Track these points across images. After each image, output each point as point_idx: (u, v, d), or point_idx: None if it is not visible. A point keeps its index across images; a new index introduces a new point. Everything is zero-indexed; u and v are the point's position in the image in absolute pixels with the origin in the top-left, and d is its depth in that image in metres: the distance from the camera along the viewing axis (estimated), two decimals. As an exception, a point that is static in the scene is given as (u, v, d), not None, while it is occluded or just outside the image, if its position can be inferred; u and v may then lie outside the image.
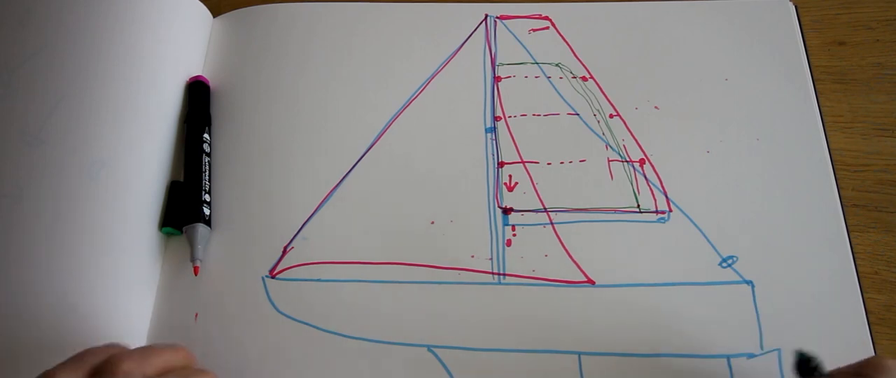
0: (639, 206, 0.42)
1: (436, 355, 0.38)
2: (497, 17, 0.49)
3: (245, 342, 0.39)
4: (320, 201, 0.43)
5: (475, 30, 0.49)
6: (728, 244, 0.41)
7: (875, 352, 0.38)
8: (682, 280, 0.40)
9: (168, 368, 0.33)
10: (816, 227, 0.41)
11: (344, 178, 0.44)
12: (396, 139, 0.45)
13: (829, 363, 0.37)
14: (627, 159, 0.44)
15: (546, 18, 0.49)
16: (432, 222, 0.42)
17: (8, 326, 0.37)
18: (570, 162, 0.44)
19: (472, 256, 0.41)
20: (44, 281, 0.38)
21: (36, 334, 0.37)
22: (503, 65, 0.47)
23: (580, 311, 0.39)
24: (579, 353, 0.38)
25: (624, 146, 0.44)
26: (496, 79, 0.47)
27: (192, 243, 0.41)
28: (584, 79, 0.47)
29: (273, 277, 0.41)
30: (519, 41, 0.48)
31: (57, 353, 0.37)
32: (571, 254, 0.41)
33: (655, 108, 0.45)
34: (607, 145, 0.44)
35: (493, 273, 0.41)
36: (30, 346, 0.37)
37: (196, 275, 0.41)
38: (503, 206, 0.43)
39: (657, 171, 0.43)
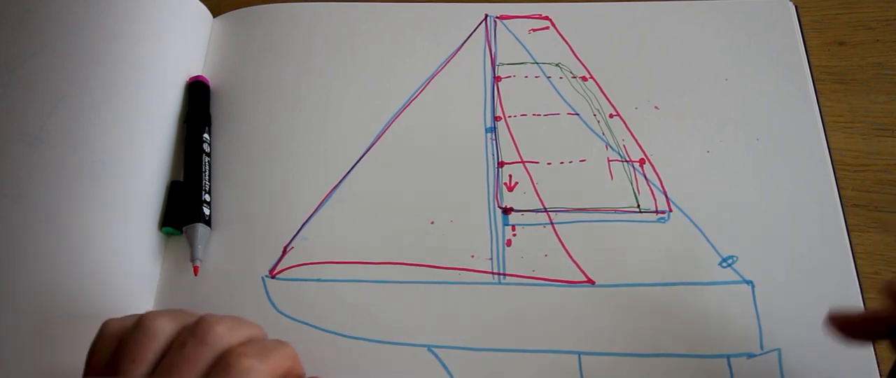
0: (639, 205, 0.42)
1: (436, 355, 0.38)
2: (497, 17, 0.49)
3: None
4: (320, 201, 0.43)
5: (475, 30, 0.49)
6: (728, 244, 0.41)
7: (875, 352, 0.37)
8: (681, 280, 0.40)
9: (251, 338, 0.34)
10: (816, 227, 0.41)
11: (344, 177, 0.44)
12: (396, 139, 0.45)
13: (829, 363, 0.37)
14: (627, 159, 0.44)
15: (546, 18, 0.49)
16: (432, 222, 0.42)
17: (7, 326, 0.37)
18: (570, 162, 0.44)
19: (472, 256, 0.41)
20: (43, 281, 0.38)
21: (35, 334, 0.37)
22: (503, 65, 0.47)
23: (580, 311, 0.39)
24: (579, 353, 0.38)
25: (624, 146, 0.44)
26: (496, 79, 0.47)
27: (192, 243, 0.41)
28: (583, 79, 0.47)
29: (273, 277, 0.41)
30: (519, 41, 0.48)
31: (57, 353, 0.37)
32: (571, 254, 0.41)
33: (655, 107, 0.45)
34: (607, 145, 0.44)
35: (493, 273, 0.41)
36: (28, 347, 0.37)
37: (196, 275, 0.41)
38: (503, 206, 0.43)
39: (657, 170, 0.43)
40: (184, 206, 0.42)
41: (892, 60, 0.47)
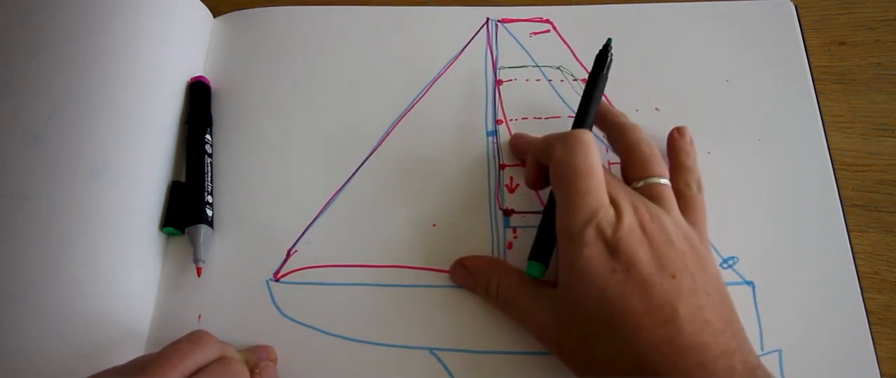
0: (640, 207, 0.42)
1: (437, 358, 0.39)
2: (498, 21, 0.49)
3: (249, 345, 0.39)
4: (323, 204, 0.43)
5: (476, 33, 0.49)
6: (728, 245, 0.41)
7: (875, 352, 0.38)
8: (682, 281, 0.40)
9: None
10: (816, 227, 0.41)
11: (347, 181, 0.44)
12: (398, 142, 0.45)
13: (829, 364, 0.37)
14: (628, 161, 0.44)
15: (547, 21, 0.49)
16: (434, 225, 0.42)
17: (8, 327, 0.37)
18: (572, 163, 0.44)
19: (474, 258, 0.41)
20: (44, 281, 0.38)
21: (36, 334, 0.37)
22: (504, 68, 0.47)
23: (581, 312, 0.39)
24: (581, 355, 0.38)
25: (625, 148, 0.44)
26: (497, 82, 0.47)
27: (194, 244, 0.41)
28: (584, 81, 0.47)
29: (277, 281, 0.41)
30: (520, 44, 0.48)
31: (58, 353, 0.37)
32: (573, 255, 0.41)
33: (656, 109, 0.45)
34: (608, 148, 0.44)
35: (494, 275, 0.41)
36: (30, 347, 0.37)
37: (199, 276, 0.41)
38: (504, 208, 0.43)
39: (658, 172, 0.43)
40: (186, 207, 0.42)
41: (892, 60, 0.47)
